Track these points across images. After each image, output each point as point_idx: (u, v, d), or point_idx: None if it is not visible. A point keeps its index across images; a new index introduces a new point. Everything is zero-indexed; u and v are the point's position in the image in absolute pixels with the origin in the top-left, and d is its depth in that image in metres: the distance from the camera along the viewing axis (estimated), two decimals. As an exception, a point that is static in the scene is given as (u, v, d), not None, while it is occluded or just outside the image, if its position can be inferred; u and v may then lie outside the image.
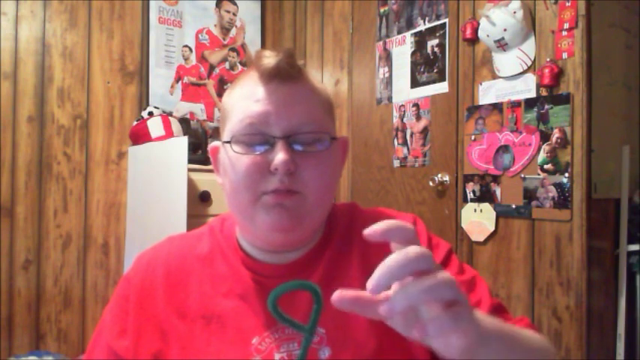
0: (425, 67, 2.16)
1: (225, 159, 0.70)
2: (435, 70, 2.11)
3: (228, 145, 0.68)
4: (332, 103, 0.75)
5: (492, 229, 1.82)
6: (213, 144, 0.76)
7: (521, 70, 1.75)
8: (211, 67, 2.79)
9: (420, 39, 2.19)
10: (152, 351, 0.69)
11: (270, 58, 0.67)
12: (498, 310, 0.71)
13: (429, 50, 2.14)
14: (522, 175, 1.74)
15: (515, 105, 1.77)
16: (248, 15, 2.93)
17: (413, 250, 0.44)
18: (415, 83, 2.20)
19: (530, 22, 1.73)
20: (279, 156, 0.64)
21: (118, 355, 0.71)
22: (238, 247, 0.74)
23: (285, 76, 0.68)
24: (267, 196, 0.66)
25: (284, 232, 0.68)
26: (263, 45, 2.97)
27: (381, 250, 0.73)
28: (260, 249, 0.73)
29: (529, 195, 1.72)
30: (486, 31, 1.78)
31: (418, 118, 2.18)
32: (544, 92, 1.69)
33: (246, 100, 0.68)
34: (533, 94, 1.73)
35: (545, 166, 1.68)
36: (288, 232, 0.68)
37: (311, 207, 0.68)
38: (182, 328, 0.69)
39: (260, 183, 0.66)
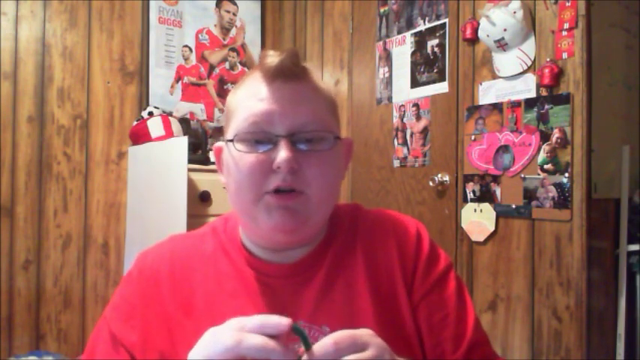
0: (425, 67, 2.16)
1: (229, 158, 0.70)
2: (435, 70, 2.11)
3: (231, 143, 0.68)
4: (336, 103, 0.75)
5: (492, 229, 1.82)
6: (217, 144, 0.76)
7: (521, 70, 1.75)
8: (211, 67, 2.79)
9: (420, 39, 2.18)
10: (159, 349, 0.69)
11: (273, 57, 0.67)
12: (478, 346, 0.70)
13: (429, 50, 2.14)
14: (522, 175, 1.74)
15: (515, 105, 1.77)
16: (248, 15, 2.93)
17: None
18: (415, 83, 2.20)
19: (530, 22, 1.73)
20: (282, 154, 0.64)
21: (124, 346, 0.70)
22: (242, 247, 0.74)
23: (289, 74, 0.68)
24: (270, 197, 0.66)
25: (288, 234, 0.68)
26: (263, 45, 2.97)
27: (385, 249, 0.74)
28: (264, 248, 0.73)
29: (529, 195, 1.72)
30: (486, 31, 1.78)
31: (418, 118, 2.18)
32: (544, 92, 1.69)
33: (250, 99, 0.68)
34: (533, 94, 1.72)
35: (545, 166, 1.68)
36: (291, 233, 0.68)
37: (314, 206, 0.67)
38: (188, 326, 0.69)
39: (263, 182, 0.66)
